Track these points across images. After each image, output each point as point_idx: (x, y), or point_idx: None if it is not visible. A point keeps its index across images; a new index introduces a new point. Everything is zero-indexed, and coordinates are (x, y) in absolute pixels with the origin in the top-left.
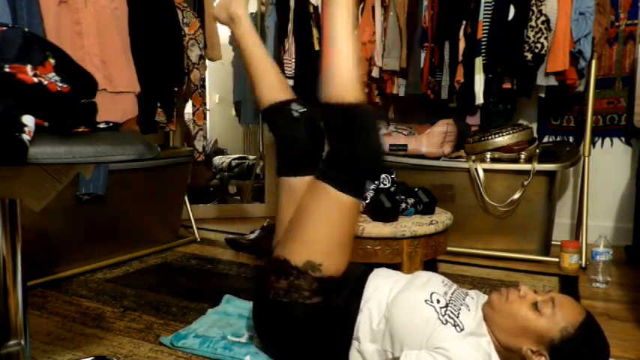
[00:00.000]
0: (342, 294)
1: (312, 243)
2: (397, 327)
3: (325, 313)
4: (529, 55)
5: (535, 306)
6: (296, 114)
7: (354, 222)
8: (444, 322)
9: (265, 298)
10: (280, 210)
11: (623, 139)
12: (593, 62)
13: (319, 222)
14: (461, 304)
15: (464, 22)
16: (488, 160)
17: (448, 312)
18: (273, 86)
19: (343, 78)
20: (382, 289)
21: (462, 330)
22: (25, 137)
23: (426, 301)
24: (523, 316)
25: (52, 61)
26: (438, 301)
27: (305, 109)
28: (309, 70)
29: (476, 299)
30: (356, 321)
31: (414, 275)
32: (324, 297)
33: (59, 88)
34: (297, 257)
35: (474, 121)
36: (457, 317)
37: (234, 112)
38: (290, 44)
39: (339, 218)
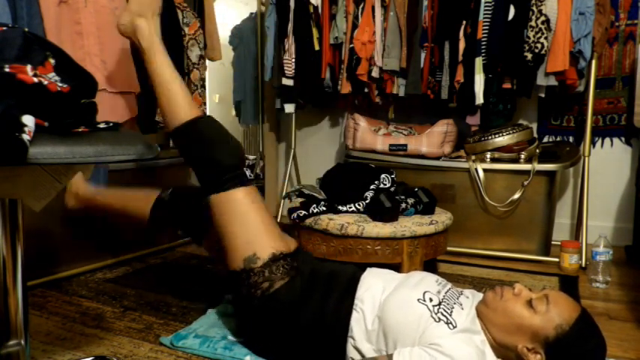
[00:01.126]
0: (334, 294)
1: (236, 244)
2: (390, 326)
3: (318, 313)
4: (529, 55)
5: (529, 303)
6: None
7: (250, 206)
8: (437, 320)
9: (244, 310)
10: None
11: (623, 139)
12: (593, 62)
13: (229, 226)
14: (454, 303)
15: (464, 22)
16: (488, 160)
17: (441, 310)
18: (185, 106)
19: (180, 105)
20: (375, 288)
21: (454, 327)
22: (25, 137)
23: (418, 299)
24: (517, 313)
25: (52, 61)
26: (431, 300)
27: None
28: (309, 70)
29: (471, 298)
30: (350, 320)
31: (408, 275)
32: (290, 274)
33: (59, 88)
34: (236, 264)
35: (474, 121)
36: (450, 315)
37: (234, 112)
38: (290, 44)
39: (236, 212)
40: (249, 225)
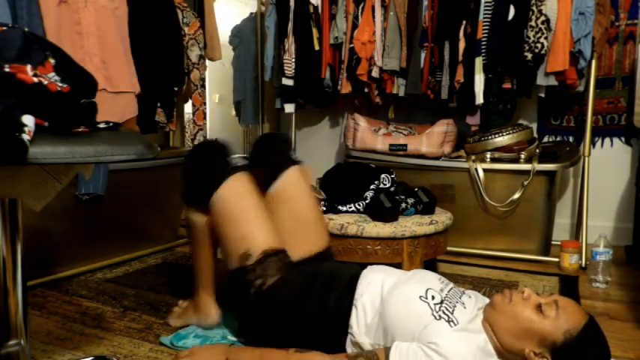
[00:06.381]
0: (335, 291)
1: (228, 243)
2: (391, 321)
3: (318, 310)
4: (529, 55)
5: (539, 308)
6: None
7: (234, 205)
8: (438, 317)
9: (241, 309)
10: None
11: (623, 139)
12: (593, 62)
13: (224, 227)
14: (457, 302)
15: (464, 22)
16: (488, 160)
17: (443, 308)
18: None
19: None
20: (375, 283)
21: (455, 325)
22: (25, 137)
23: (420, 297)
24: (527, 317)
25: (52, 60)
26: (433, 298)
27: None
28: (309, 70)
29: (474, 298)
30: (350, 316)
31: (410, 272)
32: (282, 271)
33: (59, 88)
34: (234, 263)
35: (473, 121)
36: (452, 314)
37: (234, 112)
38: (290, 44)
39: (225, 212)
40: (234, 225)
